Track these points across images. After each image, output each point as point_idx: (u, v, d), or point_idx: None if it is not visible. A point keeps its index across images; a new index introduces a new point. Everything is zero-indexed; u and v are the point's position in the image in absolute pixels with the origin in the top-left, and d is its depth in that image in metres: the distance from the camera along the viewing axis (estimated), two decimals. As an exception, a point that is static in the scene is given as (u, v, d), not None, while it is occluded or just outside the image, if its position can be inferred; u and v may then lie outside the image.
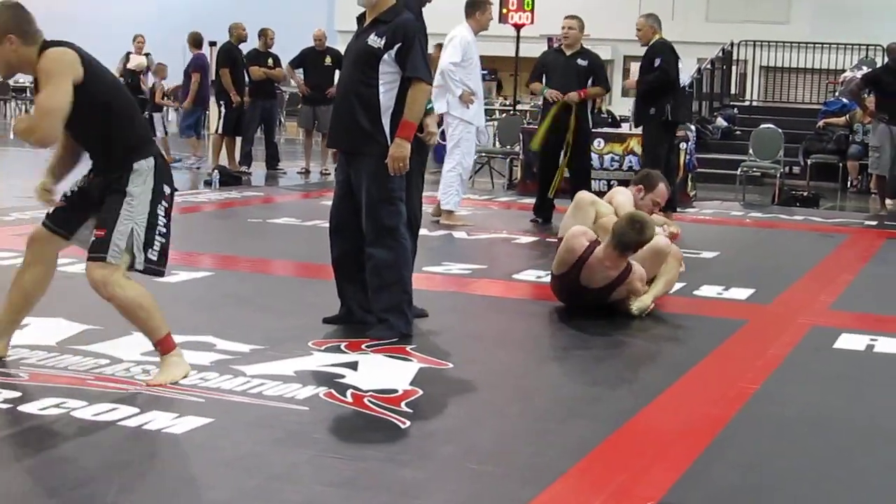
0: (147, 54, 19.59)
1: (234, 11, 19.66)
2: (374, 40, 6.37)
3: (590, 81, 12.24)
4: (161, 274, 5.51)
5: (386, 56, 6.35)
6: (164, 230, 5.42)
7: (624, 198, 8.12)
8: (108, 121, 5.31)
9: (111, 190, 5.32)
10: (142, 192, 5.32)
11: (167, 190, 5.46)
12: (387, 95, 6.37)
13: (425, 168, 7.27)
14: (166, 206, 5.46)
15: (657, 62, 12.14)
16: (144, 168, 5.34)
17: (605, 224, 7.60)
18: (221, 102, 17.20)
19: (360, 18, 6.64)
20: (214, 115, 18.40)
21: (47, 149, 5.52)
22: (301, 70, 17.82)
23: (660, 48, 12.21)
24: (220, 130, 17.33)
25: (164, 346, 5.45)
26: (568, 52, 12.30)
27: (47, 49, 5.19)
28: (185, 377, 5.41)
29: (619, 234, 7.12)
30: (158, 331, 5.43)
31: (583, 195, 8.08)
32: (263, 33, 17.76)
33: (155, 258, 5.40)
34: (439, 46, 12.63)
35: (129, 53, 19.39)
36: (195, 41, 18.13)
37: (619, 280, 7.22)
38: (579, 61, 12.24)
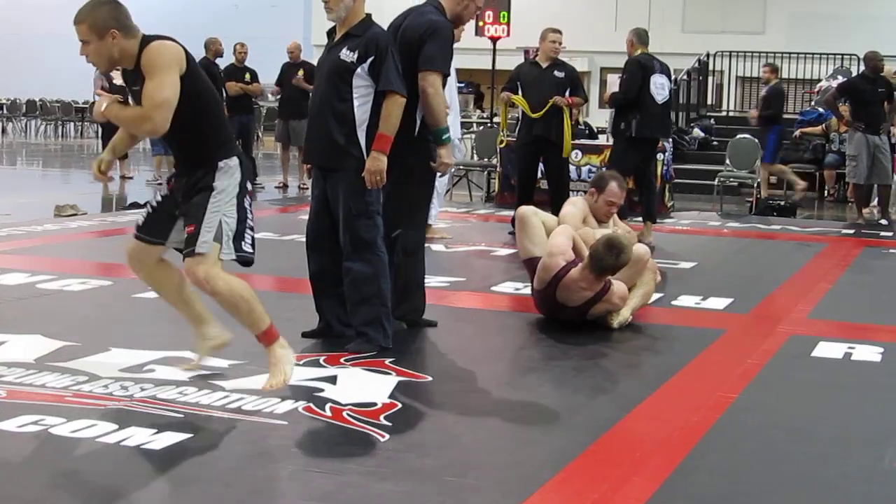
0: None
1: (210, 26, 19.67)
2: (347, 54, 6.37)
3: (567, 93, 12.24)
4: (251, 262, 5.65)
5: (359, 70, 6.34)
6: (251, 223, 5.57)
7: (570, 207, 8.00)
8: (203, 117, 5.43)
9: (197, 189, 5.43)
10: (227, 185, 5.44)
11: (249, 186, 5.61)
12: (361, 109, 6.37)
13: (433, 191, 7.22)
14: (250, 200, 5.60)
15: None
16: (231, 166, 5.46)
17: (584, 236, 7.58)
18: None
19: (331, 32, 6.64)
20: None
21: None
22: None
23: (627, 65, 12.16)
24: None
25: (267, 338, 5.56)
26: (544, 65, 12.29)
27: (151, 42, 5.31)
28: (292, 369, 5.57)
29: (597, 258, 7.11)
30: (261, 322, 5.54)
31: (524, 210, 7.85)
32: (234, 48, 17.77)
33: (249, 249, 5.57)
34: None
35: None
36: None
37: (595, 298, 7.23)
38: (556, 73, 12.22)
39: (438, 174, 7.00)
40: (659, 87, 11.96)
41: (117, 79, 18.91)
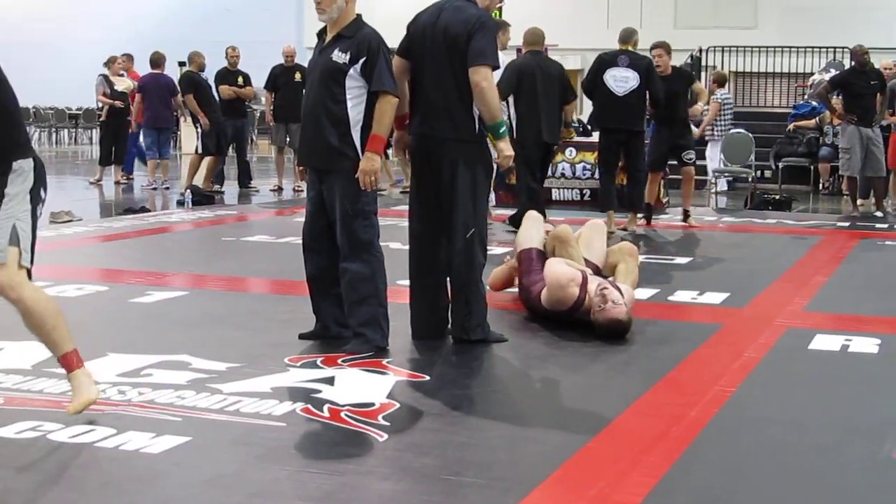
0: (121, 75, 19.56)
1: (204, 31, 19.68)
2: (339, 56, 6.37)
3: None
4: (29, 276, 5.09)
5: (351, 71, 6.34)
6: (34, 231, 5.05)
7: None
8: (1, 113, 4.98)
9: None
10: (20, 191, 4.97)
11: (43, 195, 5.12)
12: (355, 110, 6.37)
13: (489, 188, 7.12)
14: (40, 209, 5.11)
15: None
16: (25, 168, 5.01)
17: (561, 235, 7.68)
18: (197, 124, 17.22)
19: (321, 34, 6.64)
20: (185, 136, 18.45)
21: None
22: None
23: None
24: (198, 151, 17.30)
25: (69, 363, 5.10)
26: None
27: None
28: (97, 393, 5.18)
29: (597, 331, 7.09)
30: (64, 344, 5.07)
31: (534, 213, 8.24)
32: (226, 52, 17.82)
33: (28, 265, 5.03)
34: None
35: (103, 76, 19.26)
36: (152, 61, 18.17)
37: None
38: None
39: (501, 167, 6.97)
40: (620, 81, 12.33)
41: (119, 84, 19.05)
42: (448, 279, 6.89)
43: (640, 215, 12.98)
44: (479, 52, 6.55)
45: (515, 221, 12.28)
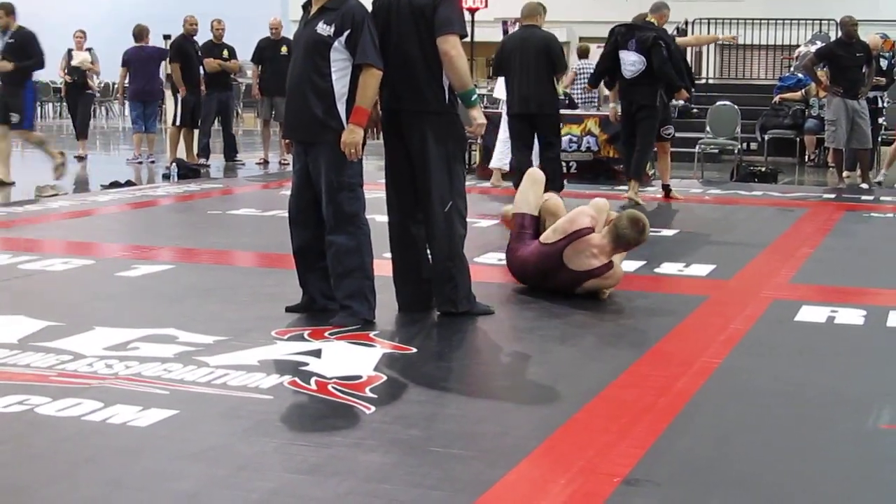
0: (89, 49, 19.44)
1: (187, 5, 19.56)
2: (323, 28, 6.35)
3: None
4: None
5: (336, 43, 6.33)
6: None
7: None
8: None
9: None
10: None
11: None
12: (340, 83, 6.36)
13: (464, 160, 7.13)
14: None
15: None
16: None
17: (551, 208, 7.67)
18: (177, 95, 17.19)
19: (306, 6, 6.61)
20: (170, 109, 18.46)
21: None
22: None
23: None
24: (176, 122, 17.32)
25: None
26: None
27: None
28: None
29: (619, 232, 7.21)
30: None
31: (538, 171, 8.15)
32: (211, 25, 17.77)
33: None
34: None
35: (70, 50, 19.22)
36: (134, 34, 18.11)
37: (595, 272, 7.22)
38: None
39: (476, 135, 6.98)
40: (628, 64, 12.62)
41: (75, 59, 18.94)
42: (429, 253, 6.88)
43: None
44: (445, 20, 6.55)
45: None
